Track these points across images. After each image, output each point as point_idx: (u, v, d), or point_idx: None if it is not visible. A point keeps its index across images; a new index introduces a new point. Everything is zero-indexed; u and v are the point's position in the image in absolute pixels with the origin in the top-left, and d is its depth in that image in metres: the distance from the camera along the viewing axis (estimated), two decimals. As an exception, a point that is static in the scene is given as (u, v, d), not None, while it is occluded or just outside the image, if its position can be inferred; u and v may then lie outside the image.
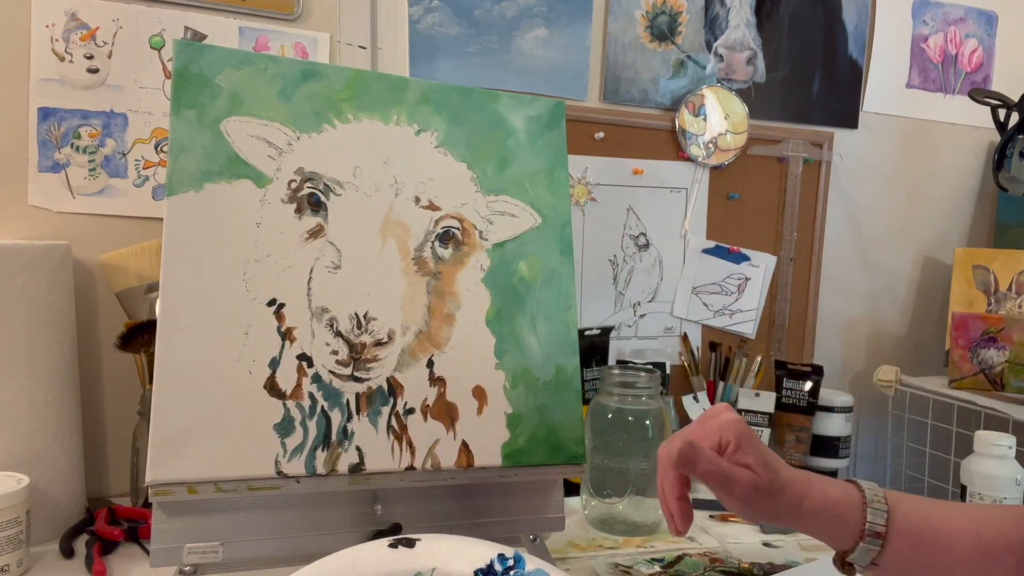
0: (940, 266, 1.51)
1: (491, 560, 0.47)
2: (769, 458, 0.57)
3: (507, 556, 0.48)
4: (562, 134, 0.83)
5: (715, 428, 0.57)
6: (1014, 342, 1.22)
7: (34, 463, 0.86)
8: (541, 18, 1.21)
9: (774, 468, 0.56)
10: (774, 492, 0.56)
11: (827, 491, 0.58)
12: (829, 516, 0.57)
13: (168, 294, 0.66)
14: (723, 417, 0.58)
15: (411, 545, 0.47)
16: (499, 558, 0.47)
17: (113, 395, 1.05)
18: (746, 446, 0.56)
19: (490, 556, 0.47)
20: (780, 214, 1.38)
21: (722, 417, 0.58)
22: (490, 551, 0.47)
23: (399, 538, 0.48)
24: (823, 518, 0.57)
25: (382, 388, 0.70)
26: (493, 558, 0.47)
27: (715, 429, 0.57)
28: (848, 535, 0.57)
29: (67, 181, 1.01)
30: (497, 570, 0.47)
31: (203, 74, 0.70)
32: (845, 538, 0.58)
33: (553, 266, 0.79)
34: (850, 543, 0.57)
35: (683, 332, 1.33)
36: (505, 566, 0.47)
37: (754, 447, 0.56)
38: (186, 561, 0.66)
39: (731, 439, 0.56)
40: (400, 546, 0.48)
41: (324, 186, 0.72)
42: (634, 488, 0.98)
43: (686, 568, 0.87)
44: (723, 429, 0.57)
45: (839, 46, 1.40)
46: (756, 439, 0.57)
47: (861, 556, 0.57)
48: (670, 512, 0.58)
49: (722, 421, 0.57)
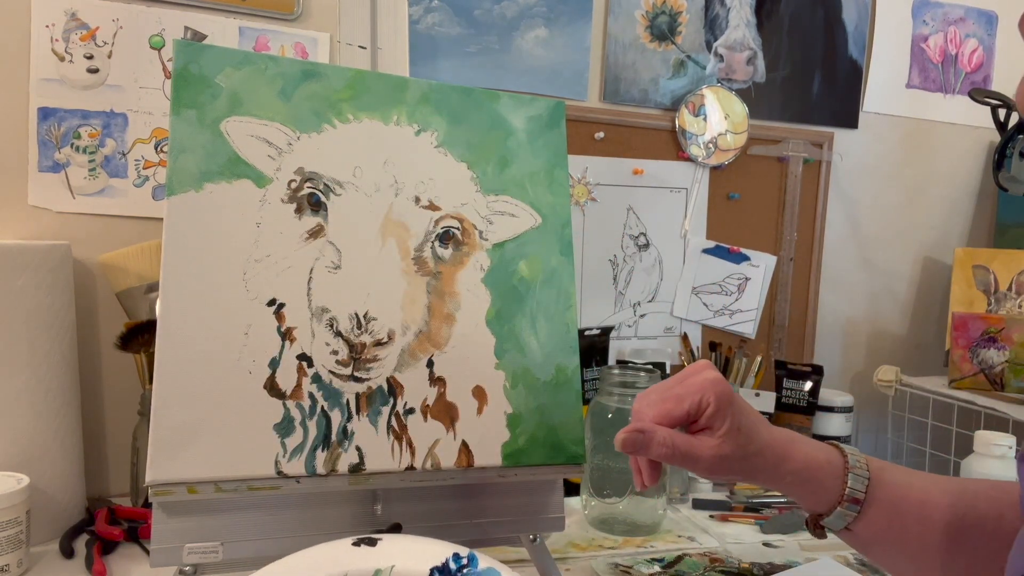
0: (940, 266, 1.51)
1: (447, 559, 0.49)
2: (745, 421, 0.55)
3: (461, 556, 0.51)
4: (562, 134, 0.83)
5: (696, 387, 0.55)
6: (1014, 342, 1.22)
7: (34, 463, 0.86)
8: (541, 18, 1.21)
9: (749, 432, 0.55)
10: (748, 455, 0.55)
11: (809, 454, 0.57)
12: (809, 479, 0.56)
13: (168, 294, 0.66)
14: (704, 375, 0.56)
15: (373, 544, 0.50)
16: (454, 557, 0.50)
17: (113, 395, 1.05)
18: (724, 408, 0.54)
19: (446, 555, 0.49)
20: (780, 214, 1.38)
21: (703, 375, 0.56)
22: (446, 550, 0.50)
23: (362, 537, 0.51)
24: (802, 481, 0.56)
25: (382, 388, 0.70)
26: (449, 557, 0.50)
27: (696, 388, 0.55)
28: (826, 499, 0.57)
29: (67, 181, 1.01)
30: (452, 568, 0.50)
31: (203, 74, 0.70)
32: (822, 502, 0.57)
33: (553, 266, 0.79)
34: (827, 507, 0.57)
35: (683, 332, 1.33)
36: (459, 564, 0.50)
37: (731, 410, 0.55)
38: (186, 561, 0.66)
39: (711, 400, 0.54)
40: (363, 544, 0.50)
41: (324, 186, 0.72)
42: (634, 488, 0.98)
43: (686, 568, 0.87)
44: (704, 388, 0.55)
45: (839, 46, 1.40)
46: (736, 400, 0.56)
47: (836, 520, 0.57)
48: (639, 467, 0.57)
49: (703, 380, 0.55)
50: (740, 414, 0.55)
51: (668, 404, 0.55)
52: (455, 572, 0.50)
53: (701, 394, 0.55)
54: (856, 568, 0.89)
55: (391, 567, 0.50)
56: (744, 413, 0.56)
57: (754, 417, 0.57)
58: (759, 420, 0.57)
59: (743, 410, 0.56)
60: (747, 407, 0.57)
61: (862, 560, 0.92)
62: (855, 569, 0.88)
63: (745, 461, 0.55)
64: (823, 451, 0.58)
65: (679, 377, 0.57)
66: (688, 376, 0.57)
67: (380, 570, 0.49)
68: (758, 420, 0.57)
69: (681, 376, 0.57)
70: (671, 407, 0.55)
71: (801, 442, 0.57)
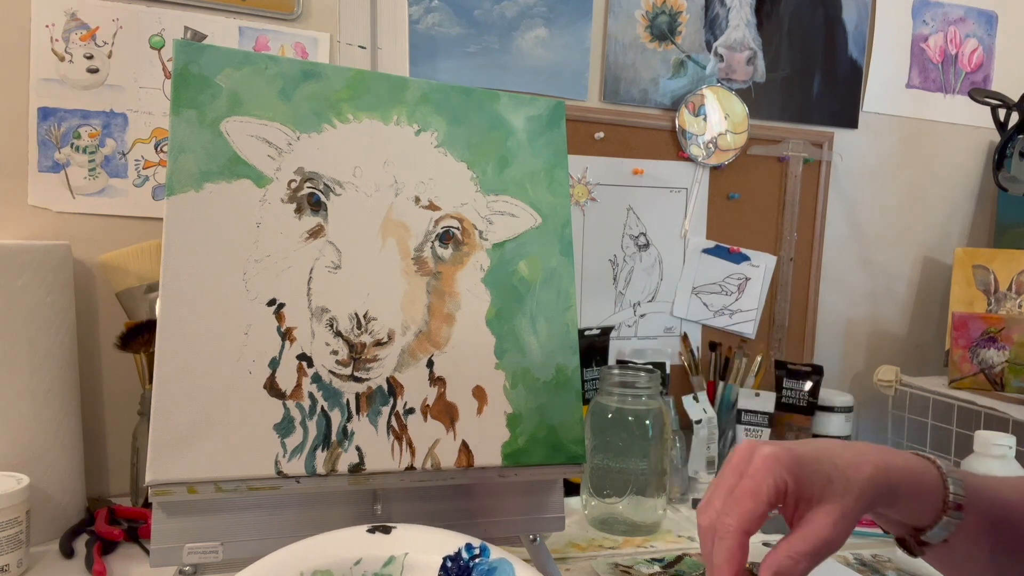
0: (940, 266, 1.51)
1: (459, 548, 0.50)
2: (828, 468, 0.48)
3: (474, 546, 0.52)
4: (562, 134, 0.83)
5: (762, 472, 0.47)
6: (1014, 342, 1.22)
7: (34, 463, 0.86)
8: (541, 18, 1.21)
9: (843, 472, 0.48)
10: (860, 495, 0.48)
11: (908, 461, 0.51)
12: (914, 489, 0.51)
13: (168, 294, 0.66)
14: (760, 455, 0.48)
15: (387, 532, 0.51)
16: (466, 547, 0.51)
17: (113, 395, 1.05)
18: (803, 475, 0.47)
19: (458, 545, 0.50)
20: (780, 214, 1.38)
21: (760, 455, 0.48)
22: (459, 540, 0.51)
23: (377, 525, 0.52)
24: (907, 492, 0.50)
25: (382, 388, 0.70)
26: (461, 547, 0.50)
27: (763, 472, 0.47)
28: (930, 509, 0.51)
29: (67, 181, 1.01)
30: (464, 557, 0.50)
31: (203, 74, 0.70)
32: (927, 512, 0.51)
33: (553, 266, 0.79)
34: (930, 518, 0.52)
35: (683, 332, 1.33)
36: (472, 554, 0.51)
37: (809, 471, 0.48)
38: (186, 561, 0.66)
39: (785, 477, 0.47)
40: (377, 532, 0.51)
41: (324, 186, 0.72)
42: (634, 488, 0.98)
43: (686, 568, 0.87)
44: (771, 469, 0.47)
45: (839, 46, 1.40)
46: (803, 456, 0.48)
47: (940, 531, 0.52)
48: None
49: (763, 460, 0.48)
50: (818, 463, 0.48)
51: (747, 504, 0.47)
52: (467, 561, 0.50)
53: (772, 476, 0.47)
54: (856, 568, 0.89)
55: (404, 554, 0.50)
56: (820, 459, 0.49)
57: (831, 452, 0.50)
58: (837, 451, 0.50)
59: (817, 456, 0.49)
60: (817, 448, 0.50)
61: (862, 560, 0.92)
62: (855, 569, 0.88)
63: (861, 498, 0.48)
64: (914, 457, 0.52)
65: (733, 469, 0.49)
66: (744, 464, 0.49)
67: (394, 556, 0.50)
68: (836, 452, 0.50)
69: (735, 467, 0.49)
70: (751, 506, 0.47)
71: (889, 451, 0.52)
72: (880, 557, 0.93)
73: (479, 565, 0.51)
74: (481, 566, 0.50)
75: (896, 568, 0.90)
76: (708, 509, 0.49)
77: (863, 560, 0.92)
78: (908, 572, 0.89)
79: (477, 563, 0.50)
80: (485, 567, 0.50)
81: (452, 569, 0.51)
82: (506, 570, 0.50)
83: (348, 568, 0.50)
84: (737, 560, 0.46)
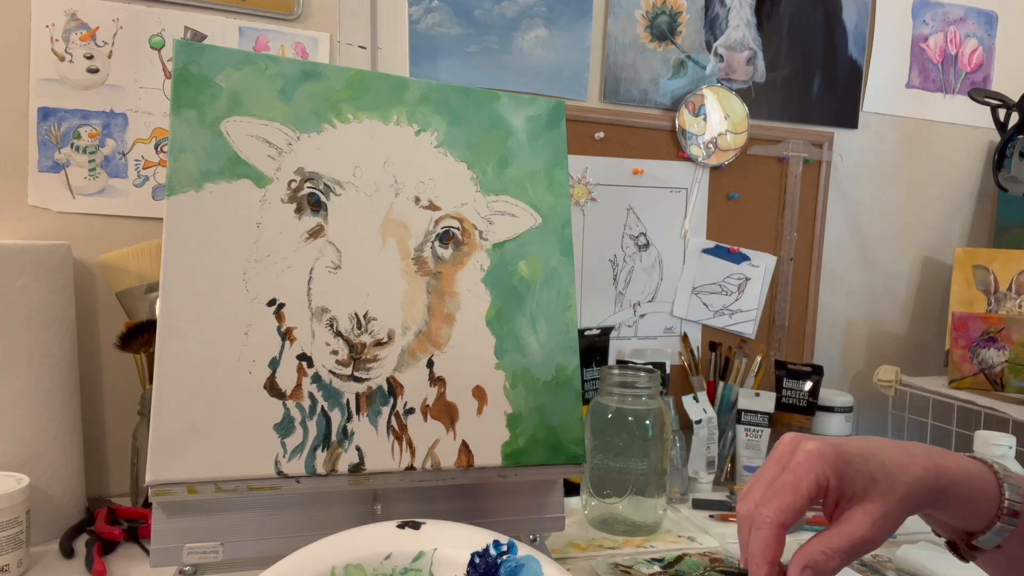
0: (940, 266, 1.51)
1: (487, 545, 0.51)
2: (874, 465, 0.47)
3: (501, 543, 0.52)
4: (562, 134, 0.83)
5: (805, 466, 0.47)
6: (1014, 342, 1.22)
7: (34, 463, 0.86)
8: (541, 18, 1.21)
9: (889, 472, 0.47)
10: (905, 495, 0.47)
11: (962, 464, 0.50)
12: (968, 493, 0.49)
13: (168, 294, 0.66)
14: (804, 449, 0.47)
15: (417, 527, 0.52)
16: (495, 543, 0.51)
17: (113, 395, 1.05)
18: (846, 472, 0.47)
19: (487, 541, 0.51)
20: (780, 214, 1.38)
21: (804, 449, 0.47)
22: (487, 537, 0.51)
23: (406, 521, 0.53)
24: (959, 496, 0.49)
25: (382, 388, 0.70)
26: (489, 543, 0.51)
27: (806, 467, 0.46)
28: (984, 513, 0.50)
29: (67, 181, 1.01)
30: (492, 554, 0.51)
31: (203, 74, 0.70)
32: (980, 517, 0.50)
33: (553, 266, 0.79)
34: (984, 523, 0.50)
35: (683, 332, 1.33)
36: (499, 551, 0.51)
37: (853, 467, 0.47)
38: (186, 561, 0.66)
39: (828, 473, 0.46)
40: (407, 527, 0.52)
41: (324, 186, 0.72)
42: (634, 488, 0.98)
43: (686, 568, 0.87)
44: (813, 464, 0.46)
45: (839, 46, 1.40)
46: (849, 452, 0.47)
47: (993, 537, 0.50)
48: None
49: (807, 454, 0.47)
50: (863, 462, 0.47)
51: (786, 497, 0.46)
52: (495, 558, 0.51)
53: (815, 472, 0.46)
54: (856, 568, 0.89)
55: (434, 550, 0.51)
56: (866, 457, 0.48)
57: (879, 452, 0.48)
58: (884, 451, 0.49)
59: (863, 455, 0.48)
60: (864, 447, 0.48)
61: (862, 560, 0.92)
62: (855, 569, 0.88)
63: (906, 501, 0.47)
64: (969, 460, 0.51)
65: (776, 461, 0.49)
66: (787, 457, 0.48)
67: (423, 552, 0.51)
68: (883, 452, 0.48)
69: (778, 459, 0.49)
70: (790, 499, 0.46)
71: (942, 452, 0.50)
72: (880, 557, 0.93)
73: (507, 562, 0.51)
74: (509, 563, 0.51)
75: (896, 568, 0.90)
76: (747, 499, 0.48)
77: (863, 560, 0.92)
78: (908, 572, 0.89)
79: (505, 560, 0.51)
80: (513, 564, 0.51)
81: (480, 565, 0.51)
82: (533, 567, 0.51)
83: (379, 562, 0.50)
84: (773, 551, 0.46)
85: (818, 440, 0.48)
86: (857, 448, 0.48)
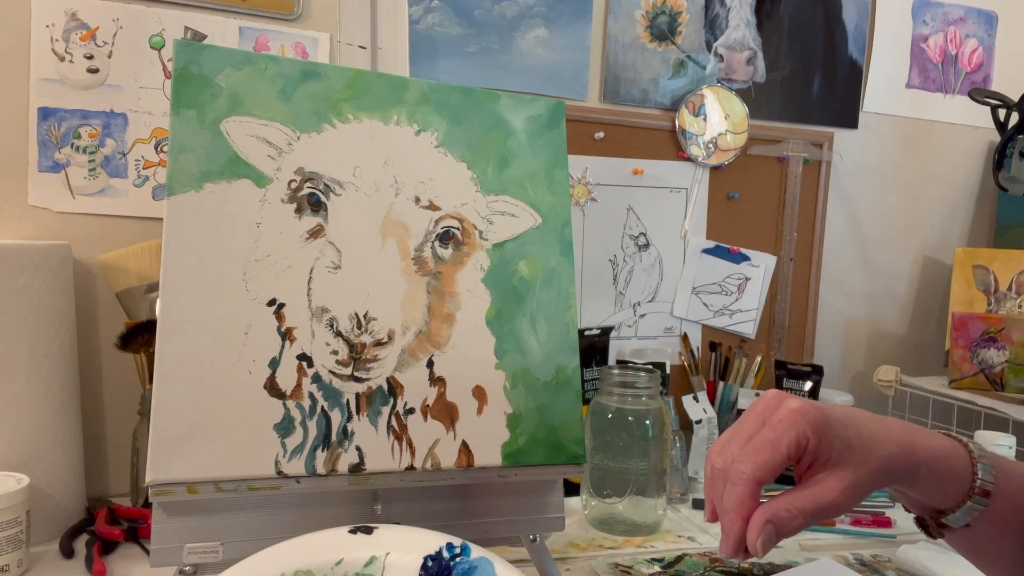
0: (940, 266, 1.51)
1: (440, 548, 0.50)
2: (852, 433, 0.47)
3: (455, 545, 0.52)
4: (562, 134, 0.83)
5: (786, 424, 0.46)
6: (1014, 342, 1.22)
7: (34, 463, 0.86)
8: (541, 18, 1.21)
9: (866, 442, 0.47)
10: (877, 468, 0.47)
11: (936, 441, 0.50)
12: (940, 470, 0.49)
13: (168, 294, 0.66)
14: (787, 407, 0.47)
15: (369, 532, 0.52)
16: (447, 546, 0.51)
17: (113, 395, 1.05)
18: (826, 435, 0.46)
19: (440, 544, 0.51)
20: (780, 214, 1.38)
21: (786, 407, 0.47)
22: (440, 540, 0.51)
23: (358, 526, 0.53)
24: (933, 472, 0.49)
25: (382, 388, 0.70)
26: (442, 546, 0.51)
27: (787, 425, 0.46)
28: (955, 492, 0.50)
29: (67, 181, 1.01)
30: (445, 556, 0.50)
31: (203, 74, 0.70)
32: (951, 496, 0.50)
33: (553, 266, 0.79)
34: (954, 501, 0.50)
35: (683, 332, 1.33)
36: (452, 553, 0.51)
37: (833, 431, 0.47)
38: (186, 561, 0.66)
39: (808, 433, 0.46)
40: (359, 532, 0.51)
41: (324, 186, 0.72)
42: (634, 488, 0.98)
43: (686, 568, 0.87)
44: (795, 422, 0.46)
45: (839, 46, 1.40)
46: (830, 416, 0.47)
47: (962, 516, 0.50)
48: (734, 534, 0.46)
49: (789, 413, 0.47)
50: (843, 428, 0.47)
51: (764, 454, 0.46)
52: (448, 560, 0.51)
53: (796, 431, 0.46)
54: (856, 568, 0.89)
55: (386, 554, 0.50)
56: (847, 424, 0.47)
57: (858, 421, 0.48)
58: (864, 421, 0.49)
59: (844, 422, 0.48)
60: (845, 414, 0.48)
61: (862, 560, 0.92)
62: (855, 569, 0.88)
63: (878, 474, 0.47)
64: (944, 439, 0.51)
65: (757, 416, 0.48)
66: (769, 413, 0.48)
67: (375, 557, 0.50)
68: (862, 422, 0.48)
69: (759, 414, 0.48)
70: (768, 456, 0.46)
71: (918, 430, 0.50)
72: (880, 557, 0.93)
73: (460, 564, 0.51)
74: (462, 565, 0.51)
75: (896, 568, 0.90)
76: (724, 452, 0.47)
77: (863, 560, 0.92)
78: (908, 572, 0.89)
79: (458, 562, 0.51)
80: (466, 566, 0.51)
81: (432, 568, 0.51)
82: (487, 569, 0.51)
83: (329, 568, 0.50)
84: (747, 508, 0.46)
85: (801, 400, 0.48)
86: (839, 414, 0.48)
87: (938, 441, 0.50)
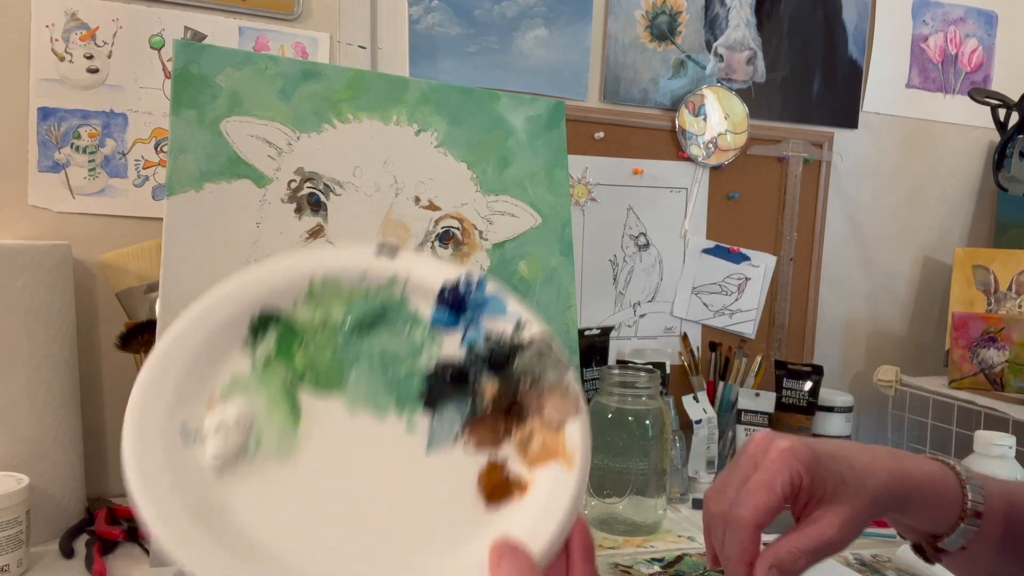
0: (940, 266, 1.51)
1: (459, 277, 0.51)
2: (844, 467, 0.48)
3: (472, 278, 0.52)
4: (562, 134, 0.83)
5: (777, 465, 0.47)
6: (1014, 342, 1.22)
7: (34, 463, 0.86)
8: (541, 18, 1.21)
9: (858, 475, 0.48)
10: (871, 499, 0.48)
11: (924, 468, 0.51)
12: (930, 496, 0.50)
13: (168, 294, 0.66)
14: (776, 448, 0.47)
15: (393, 256, 0.51)
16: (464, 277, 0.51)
17: (113, 395, 1.05)
18: (818, 473, 0.47)
19: (458, 275, 0.51)
20: (780, 214, 1.38)
21: (776, 448, 0.47)
22: (459, 271, 0.52)
23: (384, 244, 0.52)
24: (923, 499, 0.50)
25: (382, 388, 0.70)
26: (460, 276, 0.51)
27: (779, 466, 0.47)
28: (946, 516, 0.51)
29: (67, 181, 1.01)
30: (461, 287, 0.51)
31: (203, 74, 0.70)
32: (942, 520, 0.51)
33: (553, 266, 0.79)
34: (947, 525, 0.51)
35: (683, 332, 1.33)
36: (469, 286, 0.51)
37: (824, 468, 0.47)
38: (186, 561, 0.66)
39: (801, 472, 0.46)
40: (383, 256, 0.51)
41: (324, 186, 0.72)
42: (634, 488, 0.98)
43: (686, 568, 0.87)
44: (787, 462, 0.47)
45: (839, 46, 1.40)
46: (819, 452, 0.48)
47: (957, 539, 0.51)
48: None
49: (780, 453, 0.47)
50: (835, 463, 0.48)
51: (760, 497, 0.46)
52: (463, 291, 0.51)
53: (788, 470, 0.46)
54: (856, 568, 0.89)
55: (407, 277, 0.50)
56: (837, 459, 0.48)
57: (848, 454, 0.49)
58: (854, 454, 0.49)
59: (835, 456, 0.48)
60: (835, 448, 0.49)
61: (862, 560, 0.92)
62: (855, 569, 0.88)
63: (872, 505, 0.48)
64: (933, 463, 0.52)
65: (748, 458, 0.49)
66: (759, 455, 0.48)
67: (396, 275, 0.50)
68: (852, 455, 0.49)
69: (751, 456, 0.49)
70: (764, 499, 0.46)
71: (907, 456, 0.51)
72: (880, 557, 0.93)
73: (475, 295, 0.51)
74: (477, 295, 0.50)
75: (896, 568, 0.90)
76: (720, 497, 0.48)
77: (863, 560, 0.92)
78: (908, 572, 0.89)
79: (474, 295, 0.51)
80: (480, 298, 0.51)
81: (449, 297, 0.51)
82: (498, 303, 0.51)
83: (355, 280, 0.50)
84: (750, 553, 0.46)
85: (791, 439, 0.48)
86: (829, 449, 0.49)
87: (927, 466, 0.51)
